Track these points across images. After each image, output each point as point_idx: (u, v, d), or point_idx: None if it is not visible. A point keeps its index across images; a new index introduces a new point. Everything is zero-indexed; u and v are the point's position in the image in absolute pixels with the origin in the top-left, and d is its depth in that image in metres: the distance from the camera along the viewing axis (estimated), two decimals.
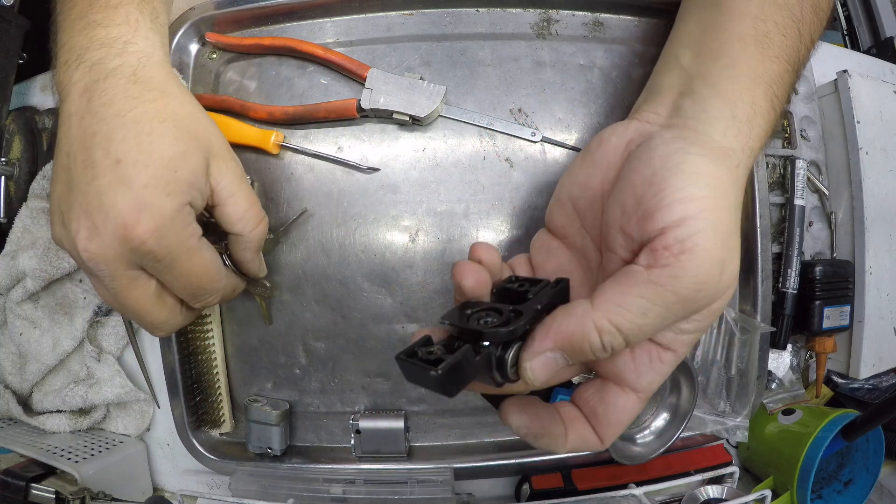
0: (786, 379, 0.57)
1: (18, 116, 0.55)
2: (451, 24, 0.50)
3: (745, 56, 0.34)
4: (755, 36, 0.34)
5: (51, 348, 0.53)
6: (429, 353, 0.26)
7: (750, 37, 0.34)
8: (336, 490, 0.49)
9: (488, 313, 0.28)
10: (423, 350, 0.26)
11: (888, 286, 0.57)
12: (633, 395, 0.32)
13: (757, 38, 0.34)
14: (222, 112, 0.49)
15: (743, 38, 0.34)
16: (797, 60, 0.35)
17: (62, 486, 0.47)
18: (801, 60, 0.35)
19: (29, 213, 0.53)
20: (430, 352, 0.26)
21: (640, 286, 0.28)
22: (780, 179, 0.56)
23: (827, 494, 0.56)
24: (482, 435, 0.53)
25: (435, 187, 0.49)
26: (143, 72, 0.35)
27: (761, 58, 0.34)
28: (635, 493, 0.48)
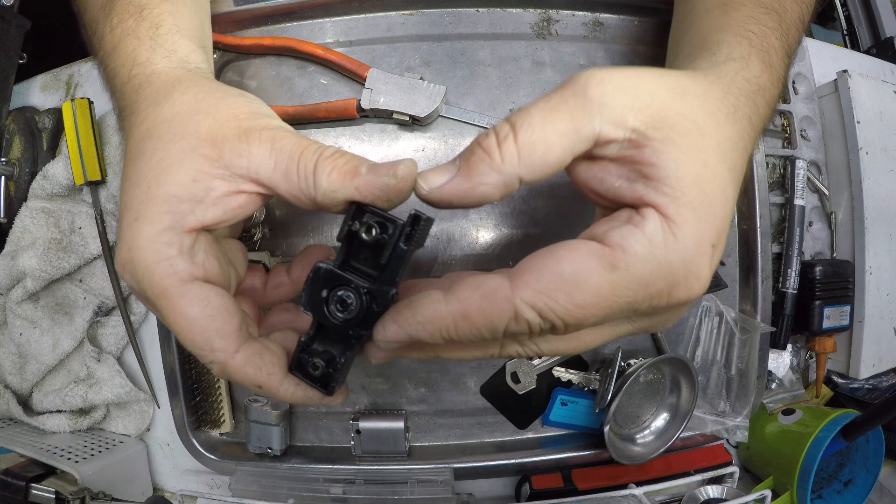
0: (786, 379, 0.57)
1: (18, 116, 0.55)
2: (451, 24, 0.50)
3: (710, 19, 0.34)
4: (718, 2, 0.35)
5: (51, 348, 0.53)
6: (314, 369, 0.28)
7: (714, 4, 0.35)
8: (336, 490, 0.49)
9: (345, 293, 0.26)
10: (309, 362, 0.28)
11: (888, 286, 0.57)
12: None
13: (721, 3, 0.35)
14: None
15: (708, 9, 0.35)
16: (777, 7, 0.34)
17: (62, 486, 0.47)
18: (783, 7, 0.34)
19: (29, 213, 0.53)
20: (314, 366, 0.28)
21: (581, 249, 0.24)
22: (780, 179, 0.56)
23: (827, 494, 0.56)
24: (482, 435, 0.53)
25: None
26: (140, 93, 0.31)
27: (723, 14, 0.34)
28: (635, 493, 0.48)
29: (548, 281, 0.23)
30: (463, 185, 0.25)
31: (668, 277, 0.24)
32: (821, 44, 0.62)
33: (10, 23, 0.54)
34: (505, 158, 0.24)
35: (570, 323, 0.24)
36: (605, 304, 0.23)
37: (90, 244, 0.53)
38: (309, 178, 0.26)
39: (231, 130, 0.27)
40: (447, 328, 0.24)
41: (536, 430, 0.53)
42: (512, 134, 0.24)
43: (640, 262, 0.23)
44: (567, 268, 0.23)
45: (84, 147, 0.51)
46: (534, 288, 0.23)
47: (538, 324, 0.24)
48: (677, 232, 0.23)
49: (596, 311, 0.24)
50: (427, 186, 0.25)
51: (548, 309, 0.23)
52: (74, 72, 0.57)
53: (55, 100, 0.57)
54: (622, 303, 0.24)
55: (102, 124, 0.53)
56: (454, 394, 0.52)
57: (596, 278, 0.23)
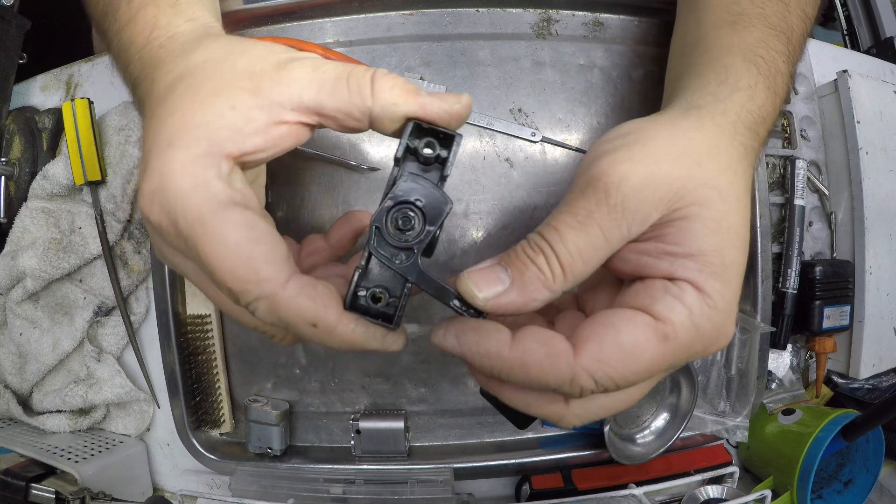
0: (786, 379, 0.57)
1: (18, 116, 0.55)
2: (451, 24, 0.50)
3: (719, 38, 0.35)
4: (729, 20, 0.35)
5: (51, 348, 0.53)
6: (375, 301, 0.27)
7: (724, 21, 0.35)
8: (336, 490, 0.49)
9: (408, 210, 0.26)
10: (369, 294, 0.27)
11: (888, 286, 0.57)
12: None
13: (731, 21, 0.35)
14: None
15: (717, 25, 0.35)
16: (785, 27, 0.35)
17: (62, 486, 0.47)
18: (790, 27, 0.35)
19: (29, 213, 0.53)
20: (375, 297, 0.27)
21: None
22: (780, 179, 0.56)
23: (827, 494, 0.56)
24: (482, 435, 0.53)
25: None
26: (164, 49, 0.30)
27: (733, 32, 0.34)
28: (635, 493, 0.48)
29: (609, 352, 0.25)
30: (518, 300, 0.26)
31: (706, 340, 0.26)
32: (821, 44, 0.62)
33: (10, 23, 0.54)
34: (555, 279, 0.26)
35: (622, 387, 0.26)
36: (656, 368, 0.26)
37: (90, 244, 0.53)
38: (365, 92, 0.26)
39: (269, 63, 0.26)
40: (502, 369, 0.26)
41: (536, 430, 0.53)
42: (554, 254, 0.26)
43: (685, 332, 0.25)
44: (626, 339, 0.25)
45: (84, 147, 0.51)
46: (596, 358, 0.25)
47: (591, 389, 0.25)
48: (710, 302, 0.26)
49: (647, 375, 0.26)
50: (482, 296, 0.26)
51: (606, 377, 0.25)
52: (74, 72, 0.57)
53: (55, 100, 0.57)
54: (668, 365, 0.26)
55: (102, 124, 0.53)
56: (454, 394, 0.52)
57: (652, 349, 0.25)
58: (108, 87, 0.55)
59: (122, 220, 0.53)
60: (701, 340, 0.26)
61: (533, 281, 0.26)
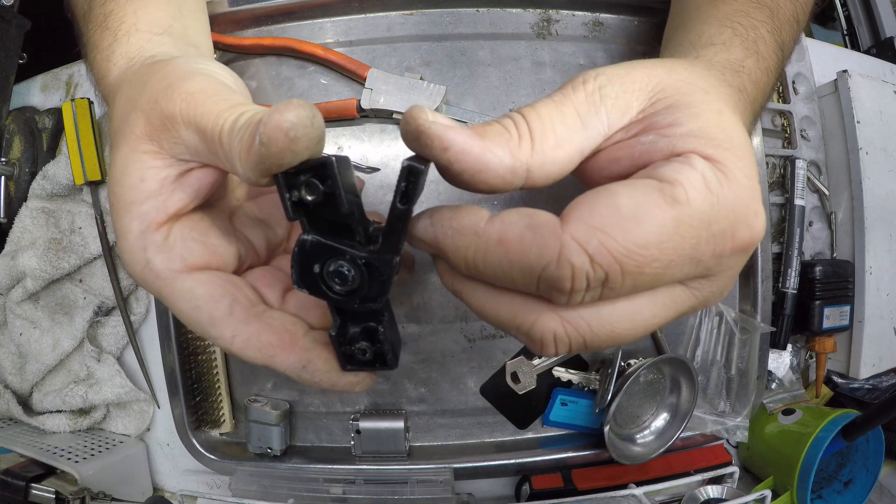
0: (786, 379, 0.57)
1: (18, 116, 0.55)
2: (451, 24, 0.50)
3: (699, 13, 0.35)
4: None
5: (51, 348, 0.53)
6: (363, 354, 0.26)
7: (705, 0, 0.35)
8: (336, 490, 0.49)
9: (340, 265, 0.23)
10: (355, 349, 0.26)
11: (888, 286, 0.57)
12: None
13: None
14: None
15: (699, 4, 0.35)
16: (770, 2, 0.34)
17: (62, 486, 0.47)
18: (776, 4, 0.34)
19: (29, 213, 0.53)
20: (362, 351, 0.26)
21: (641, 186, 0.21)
22: (780, 179, 0.56)
23: (827, 494, 0.56)
24: (482, 435, 0.53)
25: (435, 187, 0.49)
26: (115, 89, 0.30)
27: (713, 6, 0.34)
28: (635, 493, 0.48)
29: (603, 215, 0.20)
30: (473, 141, 0.21)
31: (729, 214, 0.21)
32: (821, 44, 0.62)
33: (10, 23, 0.54)
34: (521, 143, 0.22)
35: (629, 270, 0.20)
36: (670, 246, 0.20)
37: (90, 244, 0.53)
38: (233, 166, 0.23)
39: (157, 121, 0.25)
40: (477, 248, 0.21)
41: (536, 430, 0.53)
42: (524, 121, 0.22)
43: (700, 197, 0.20)
44: (625, 201, 0.20)
45: (84, 147, 0.51)
46: (587, 223, 0.20)
47: (586, 272, 0.20)
48: (725, 170, 0.21)
49: (659, 256, 0.20)
50: (430, 117, 0.21)
51: (602, 249, 0.20)
52: (74, 72, 0.57)
53: (55, 100, 0.57)
54: (686, 247, 0.20)
55: (102, 124, 0.53)
56: (454, 394, 0.52)
57: (659, 212, 0.20)
58: None
59: None
60: (724, 214, 0.21)
61: (493, 132, 0.22)
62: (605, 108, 0.23)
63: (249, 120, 0.22)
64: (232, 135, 0.22)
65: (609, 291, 0.21)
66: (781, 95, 0.57)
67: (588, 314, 0.22)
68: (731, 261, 0.22)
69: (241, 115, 0.22)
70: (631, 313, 0.22)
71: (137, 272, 0.26)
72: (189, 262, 0.26)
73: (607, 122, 0.23)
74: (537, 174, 0.22)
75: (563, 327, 0.22)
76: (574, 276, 0.20)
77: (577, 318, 0.22)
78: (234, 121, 0.22)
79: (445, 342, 0.51)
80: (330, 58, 0.48)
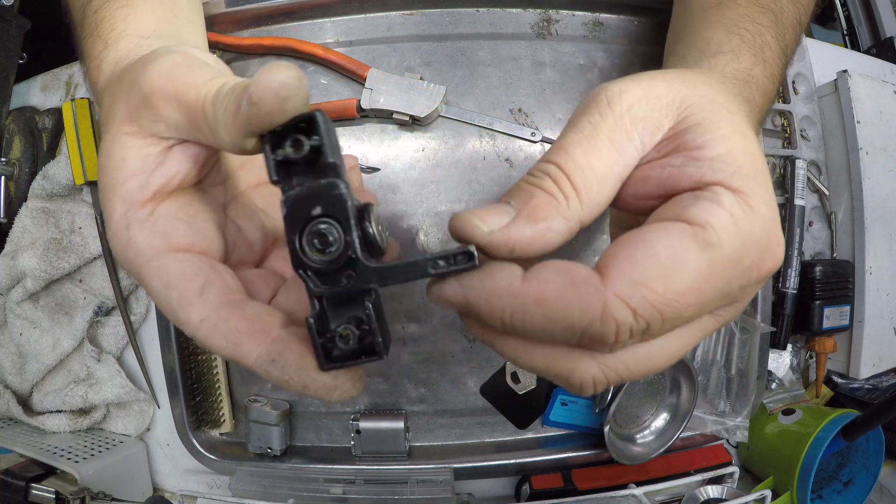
0: (786, 379, 0.57)
1: (18, 116, 0.55)
2: (451, 24, 0.50)
3: (705, 18, 0.35)
4: (714, 1, 0.35)
5: (51, 348, 0.53)
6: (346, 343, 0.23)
7: (709, 3, 0.35)
8: (336, 490, 0.49)
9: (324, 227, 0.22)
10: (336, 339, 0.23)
11: (888, 286, 0.57)
12: None
13: (716, 2, 0.35)
14: None
15: (703, 7, 0.36)
16: (774, 7, 0.34)
17: (62, 486, 0.47)
18: (780, 7, 0.35)
19: (29, 213, 0.53)
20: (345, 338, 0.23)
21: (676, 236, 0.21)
22: (780, 179, 0.56)
23: (827, 494, 0.56)
24: (482, 435, 0.53)
25: (435, 187, 0.49)
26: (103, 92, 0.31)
27: (718, 12, 0.34)
28: (635, 493, 0.48)
29: (644, 268, 0.20)
30: (528, 232, 0.21)
31: (756, 248, 0.22)
32: (821, 44, 0.62)
33: (10, 23, 0.54)
34: (569, 203, 0.22)
35: (669, 317, 0.20)
36: (706, 289, 0.21)
37: (90, 244, 0.53)
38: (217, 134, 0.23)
39: (136, 100, 0.25)
40: (514, 310, 0.21)
41: (536, 430, 0.53)
42: (565, 176, 0.22)
43: (729, 237, 0.21)
44: (663, 251, 0.20)
45: (84, 147, 0.51)
46: (629, 277, 0.20)
47: (629, 325, 0.20)
48: (751, 202, 0.22)
49: (696, 300, 0.21)
50: (487, 227, 0.21)
51: (645, 302, 0.20)
52: (74, 72, 0.57)
53: (55, 100, 0.57)
54: (719, 286, 0.21)
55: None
56: (454, 394, 0.52)
57: (695, 258, 0.20)
58: None
59: None
60: (750, 248, 0.21)
61: (543, 207, 0.22)
62: (637, 132, 0.23)
63: (234, 87, 0.22)
64: (217, 102, 0.22)
65: (648, 336, 0.22)
66: (781, 95, 0.57)
67: (626, 356, 0.22)
68: (754, 288, 0.23)
69: (224, 84, 0.23)
70: (664, 348, 0.23)
71: (119, 251, 0.25)
72: (172, 240, 0.25)
73: (641, 145, 0.23)
74: (588, 220, 0.23)
75: (601, 371, 0.22)
76: (619, 331, 0.20)
77: (616, 362, 0.22)
78: (217, 89, 0.22)
79: (445, 342, 0.51)
80: (330, 58, 0.48)
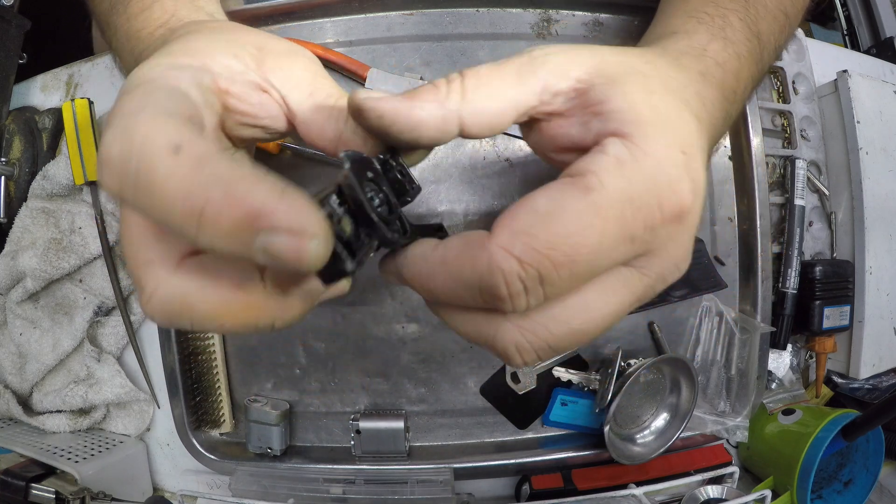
0: (786, 379, 0.57)
1: (18, 116, 0.55)
2: (451, 24, 0.50)
3: (671, 5, 0.35)
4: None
5: (51, 348, 0.53)
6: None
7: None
8: (336, 490, 0.49)
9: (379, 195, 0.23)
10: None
11: (888, 286, 0.57)
12: None
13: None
14: None
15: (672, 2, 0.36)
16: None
17: (62, 486, 0.47)
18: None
19: (29, 213, 0.53)
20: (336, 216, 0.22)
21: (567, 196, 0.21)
22: (780, 179, 0.56)
23: (827, 494, 0.56)
24: (482, 435, 0.53)
25: (435, 187, 0.49)
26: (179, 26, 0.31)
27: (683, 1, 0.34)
28: (635, 493, 0.48)
29: (523, 219, 0.21)
30: (399, 103, 0.23)
31: (650, 187, 0.21)
32: (821, 44, 0.62)
33: (10, 23, 0.54)
34: (450, 95, 0.23)
35: (560, 262, 0.20)
36: (595, 230, 0.21)
37: (90, 244, 0.53)
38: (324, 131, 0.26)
39: (281, 46, 0.27)
40: (427, 274, 0.23)
41: (536, 430, 0.53)
42: (460, 77, 0.24)
43: (614, 179, 0.21)
44: (542, 201, 0.21)
45: (84, 147, 0.51)
46: (509, 229, 0.21)
47: (517, 274, 0.20)
48: (641, 144, 0.22)
49: (585, 241, 0.20)
50: (362, 95, 0.23)
51: (527, 248, 0.20)
52: (74, 72, 0.57)
53: (55, 100, 0.57)
54: (612, 227, 0.21)
55: (102, 124, 0.53)
56: (454, 394, 0.52)
57: (574, 202, 0.21)
58: (108, 87, 0.55)
59: None
60: (642, 188, 0.21)
61: (423, 92, 0.23)
62: (544, 71, 0.24)
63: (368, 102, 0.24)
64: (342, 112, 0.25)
65: (552, 288, 0.21)
66: (781, 95, 0.57)
67: (542, 318, 0.23)
68: (668, 231, 0.22)
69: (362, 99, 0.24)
70: (584, 307, 0.23)
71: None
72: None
73: (543, 82, 0.24)
74: (470, 122, 0.23)
75: (522, 336, 0.23)
76: (507, 282, 0.20)
77: (533, 325, 0.23)
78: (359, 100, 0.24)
79: (445, 342, 0.51)
80: (330, 58, 0.48)
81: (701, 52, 0.30)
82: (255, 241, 0.17)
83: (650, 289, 0.24)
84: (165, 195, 0.18)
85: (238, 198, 0.17)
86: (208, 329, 0.22)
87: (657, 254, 0.23)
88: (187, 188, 0.18)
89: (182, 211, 0.18)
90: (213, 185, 0.18)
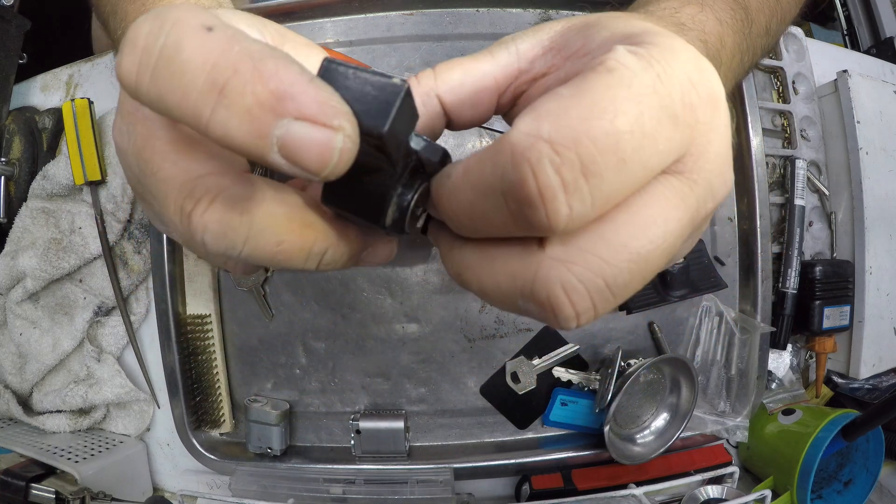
0: (786, 379, 0.57)
1: (18, 116, 0.55)
2: (451, 24, 0.50)
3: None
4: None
5: (51, 348, 0.53)
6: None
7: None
8: (336, 490, 0.49)
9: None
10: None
11: (888, 286, 0.57)
12: None
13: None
14: None
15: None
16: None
17: (62, 486, 0.47)
18: None
19: (29, 213, 0.53)
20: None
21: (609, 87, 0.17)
22: (780, 179, 0.56)
23: (827, 494, 0.56)
24: (482, 435, 0.53)
25: None
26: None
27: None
28: (635, 493, 0.48)
29: (545, 107, 0.17)
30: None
31: (675, 66, 0.18)
32: (821, 44, 0.62)
33: (10, 23, 0.54)
34: (422, 80, 0.24)
35: (603, 145, 0.16)
36: (632, 105, 0.17)
37: (90, 244, 0.53)
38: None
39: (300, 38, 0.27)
40: (451, 190, 0.20)
41: (536, 430, 0.53)
42: (431, 68, 0.24)
43: (633, 60, 0.18)
44: (563, 90, 0.17)
45: (84, 147, 0.51)
46: (533, 113, 0.17)
47: (549, 160, 0.16)
48: (647, 39, 0.19)
49: (626, 118, 0.17)
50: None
51: (560, 128, 0.16)
52: (74, 72, 0.57)
53: (55, 100, 0.57)
54: (650, 101, 0.17)
55: (102, 124, 0.53)
56: (454, 394, 0.52)
57: (602, 79, 0.17)
58: (108, 87, 0.55)
59: (122, 220, 0.53)
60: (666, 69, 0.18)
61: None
62: (514, 44, 0.24)
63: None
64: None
65: (599, 183, 0.17)
66: (781, 95, 0.57)
67: (591, 243, 0.18)
68: (708, 116, 0.19)
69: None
70: (640, 221, 0.18)
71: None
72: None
73: (517, 52, 0.24)
74: (449, 99, 0.24)
75: (569, 272, 0.18)
76: (535, 171, 0.16)
77: (582, 254, 0.18)
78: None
79: (445, 342, 0.51)
80: None
81: (673, 12, 0.30)
82: (275, 129, 0.16)
83: (702, 203, 0.20)
84: (189, 69, 0.16)
85: (267, 74, 0.16)
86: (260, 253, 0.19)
87: (702, 153, 0.19)
88: (215, 59, 0.16)
89: (203, 84, 0.16)
90: (243, 58, 0.16)
